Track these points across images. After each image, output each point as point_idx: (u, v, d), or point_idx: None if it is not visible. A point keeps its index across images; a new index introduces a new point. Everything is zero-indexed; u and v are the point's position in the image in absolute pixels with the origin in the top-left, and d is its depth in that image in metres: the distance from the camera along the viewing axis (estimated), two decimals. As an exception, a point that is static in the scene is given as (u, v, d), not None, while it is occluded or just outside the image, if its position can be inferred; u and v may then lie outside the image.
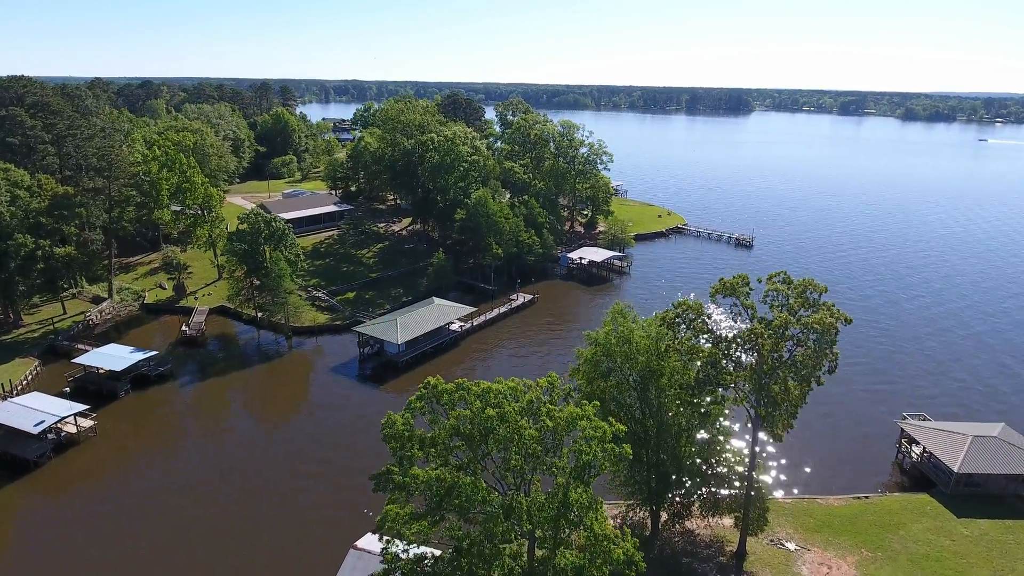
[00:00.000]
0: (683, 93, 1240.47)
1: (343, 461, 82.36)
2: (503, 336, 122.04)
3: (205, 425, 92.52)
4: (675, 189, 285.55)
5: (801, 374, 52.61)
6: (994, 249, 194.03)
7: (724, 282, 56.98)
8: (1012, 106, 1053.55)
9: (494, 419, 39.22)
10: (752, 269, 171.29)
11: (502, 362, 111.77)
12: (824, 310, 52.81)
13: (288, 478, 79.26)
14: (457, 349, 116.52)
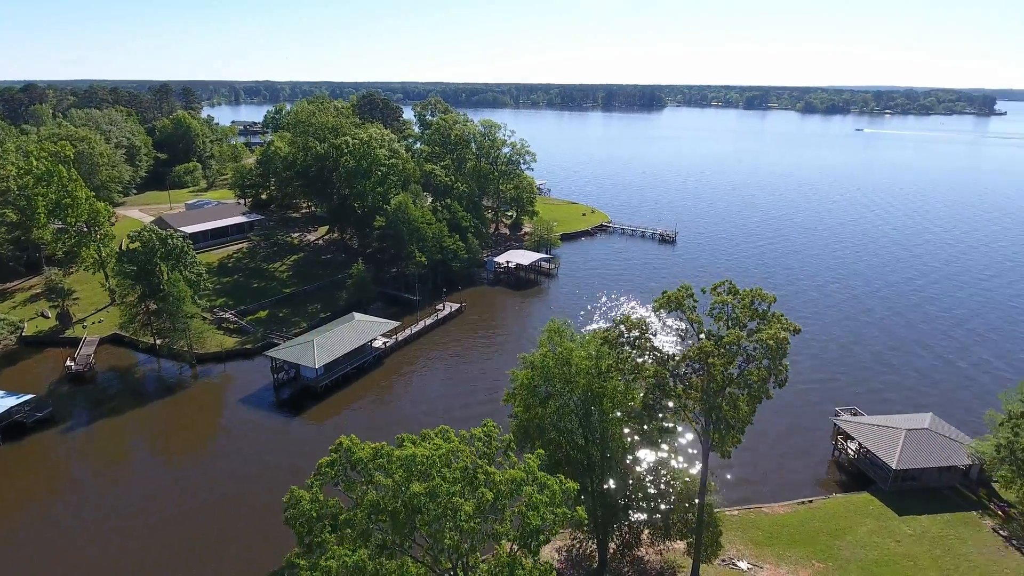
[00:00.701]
0: (599, 91, 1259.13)
1: (255, 500, 73.54)
2: (431, 351, 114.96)
3: (96, 471, 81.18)
4: (597, 186, 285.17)
5: (752, 391, 48.61)
6: (897, 239, 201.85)
7: (668, 295, 52.39)
8: (898, 98, 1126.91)
9: (422, 496, 32.65)
10: (677, 264, 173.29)
11: (430, 382, 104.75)
12: (775, 323, 48.93)
13: (193, 523, 69.84)
14: (381, 368, 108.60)
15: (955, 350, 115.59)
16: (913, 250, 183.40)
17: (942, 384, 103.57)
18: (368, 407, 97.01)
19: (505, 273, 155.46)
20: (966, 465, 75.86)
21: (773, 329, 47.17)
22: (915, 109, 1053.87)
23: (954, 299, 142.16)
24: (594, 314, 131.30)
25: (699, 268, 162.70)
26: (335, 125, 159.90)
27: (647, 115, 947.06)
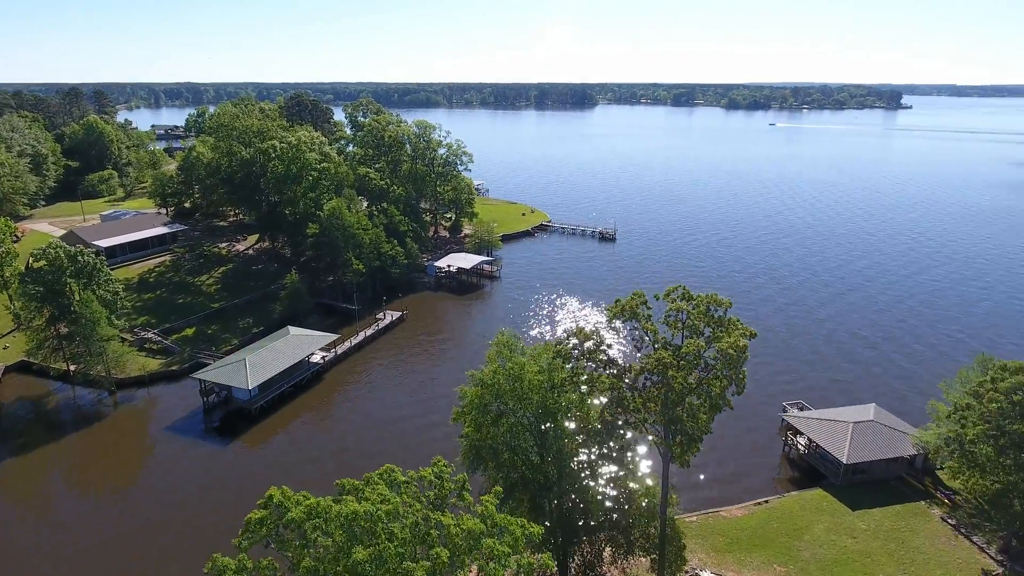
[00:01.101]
0: (532, 89, 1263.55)
1: (184, 537, 67.07)
2: (373, 363, 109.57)
3: (5, 510, 72.61)
4: (535, 185, 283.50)
5: (712, 401, 46.40)
6: (821, 231, 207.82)
7: (622, 304, 49.68)
8: (814, 94, 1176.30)
9: (367, 564, 28.37)
10: (618, 262, 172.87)
11: (373, 397, 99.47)
12: (733, 329, 46.80)
13: (116, 554, 62.99)
14: (321, 384, 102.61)
15: (884, 338, 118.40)
16: (836, 240, 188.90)
17: (876, 371, 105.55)
18: (307, 428, 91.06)
19: (447, 278, 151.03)
20: (911, 455, 76.65)
21: (732, 337, 45.09)
22: (830, 104, 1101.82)
23: (878, 287, 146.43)
24: (540, 316, 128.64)
25: (640, 265, 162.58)
26: (261, 128, 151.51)
27: (580, 113, 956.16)
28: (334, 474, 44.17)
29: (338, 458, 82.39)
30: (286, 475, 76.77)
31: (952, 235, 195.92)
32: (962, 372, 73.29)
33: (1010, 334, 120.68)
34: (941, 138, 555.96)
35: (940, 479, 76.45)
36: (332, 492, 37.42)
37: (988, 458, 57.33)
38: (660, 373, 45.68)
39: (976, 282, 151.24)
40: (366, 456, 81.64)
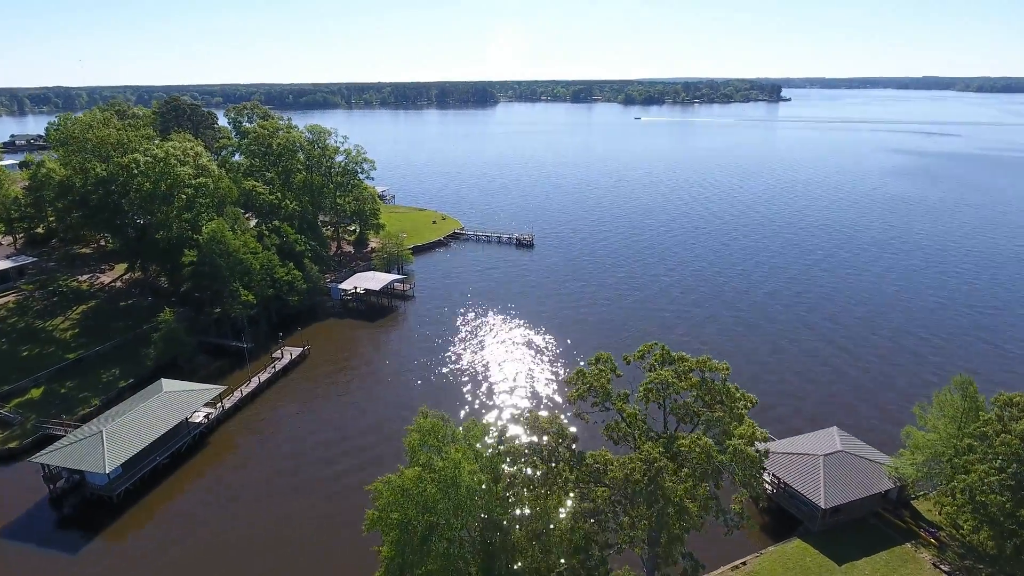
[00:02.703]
0: (433, 88, 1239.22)
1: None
2: (269, 417, 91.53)
3: None
4: (445, 189, 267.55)
5: (724, 518, 34.04)
6: (736, 227, 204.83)
7: (586, 379, 36.84)
8: (703, 88, 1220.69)
9: None
10: (540, 271, 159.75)
11: (270, 465, 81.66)
12: (737, 405, 34.51)
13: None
14: (206, 451, 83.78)
15: (825, 344, 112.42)
16: (746, 236, 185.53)
17: (825, 384, 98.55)
18: (187, 515, 72.53)
19: (354, 301, 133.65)
20: (887, 489, 68.44)
21: (745, 426, 32.79)
22: (719, 98, 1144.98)
23: (805, 286, 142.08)
24: (461, 340, 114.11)
25: (562, 274, 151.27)
26: (120, 140, 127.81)
27: (482, 111, 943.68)
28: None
29: (225, 557, 64.95)
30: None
31: (877, 228, 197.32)
32: (939, 396, 65.40)
33: (959, 336, 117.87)
34: (823, 128, 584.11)
35: (917, 511, 68.74)
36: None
37: (1004, 511, 48.54)
38: (650, 479, 32.80)
39: (914, 283, 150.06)
40: (262, 551, 64.83)
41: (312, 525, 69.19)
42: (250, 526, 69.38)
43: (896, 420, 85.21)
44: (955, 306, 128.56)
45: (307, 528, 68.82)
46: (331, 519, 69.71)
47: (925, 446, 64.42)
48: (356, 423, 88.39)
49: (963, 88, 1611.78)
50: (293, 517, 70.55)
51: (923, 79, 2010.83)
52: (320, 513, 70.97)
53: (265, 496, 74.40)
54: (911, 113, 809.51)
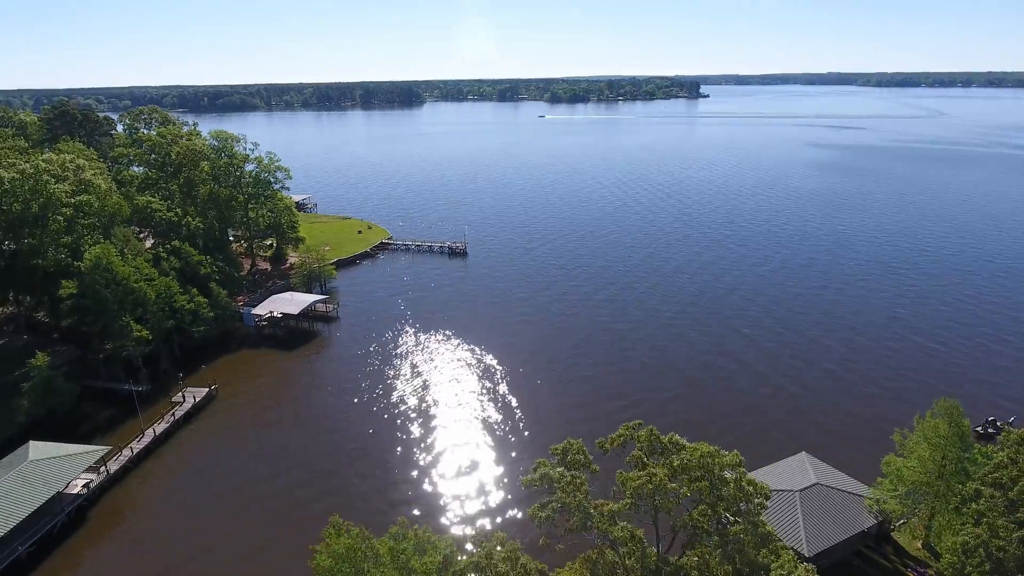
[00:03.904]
0: (357, 88, 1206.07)
1: None
2: (167, 478, 77.42)
3: None
4: (371, 195, 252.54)
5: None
6: (666, 230, 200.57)
7: (550, 480, 26.38)
8: (626, 86, 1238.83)
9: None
10: (475, 281, 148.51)
11: (170, 547, 67.88)
12: (754, 509, 25.40)
13: None
14: (85, 530, 69.15)
15: (780, 352, 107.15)
16: (678, 237, 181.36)
17: (780, 399, 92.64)
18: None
19: (271, 326, 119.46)
20: (869, 526, 62.01)
21: (784, 562, 23.62)
22: (641, 95, 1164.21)
23: (733, 287, 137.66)
24: (394, 371, 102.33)
25: (499, 284, 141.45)
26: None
27: (408, 111, 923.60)
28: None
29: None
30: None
31: (807, 223, 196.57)
32: (922, 423, 59.28)
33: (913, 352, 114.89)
34: (742, 124, 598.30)
35: (899, 545, 62.68)
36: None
37: None
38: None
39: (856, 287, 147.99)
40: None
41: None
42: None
43: (864, 439, 79.95)
44: (918, 315, 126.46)
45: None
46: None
47: (909, 478, 58.32)
48: (273, 483, 75.51)
49: (864, 83, 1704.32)
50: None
51: (828, 75, 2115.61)
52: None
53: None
54: (821, 108, 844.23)
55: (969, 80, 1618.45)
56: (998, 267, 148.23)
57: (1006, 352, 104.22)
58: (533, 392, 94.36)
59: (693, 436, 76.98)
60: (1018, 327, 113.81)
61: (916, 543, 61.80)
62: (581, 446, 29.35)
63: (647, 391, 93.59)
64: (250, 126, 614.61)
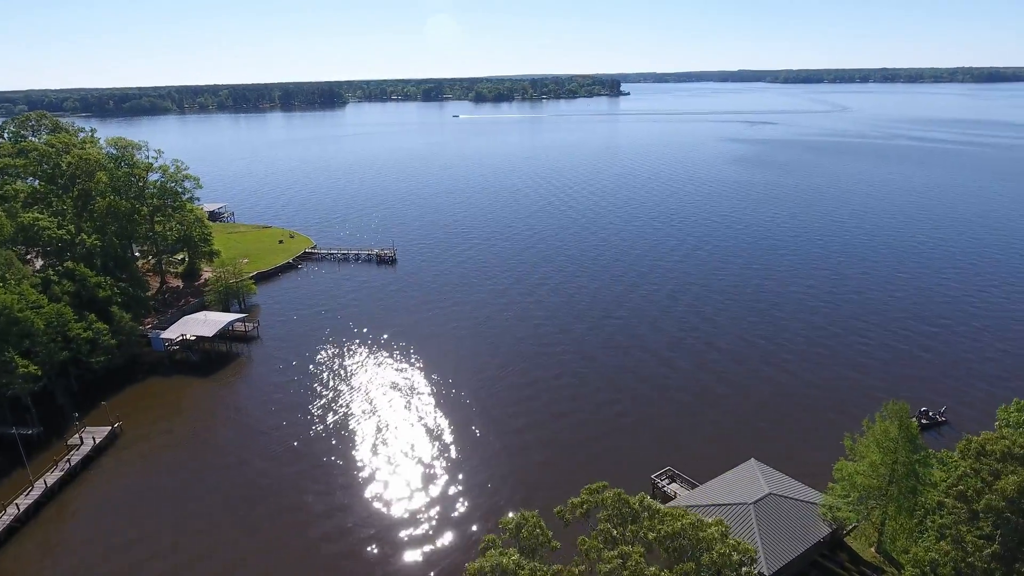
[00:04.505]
0: (276, 89, 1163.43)
1: None
2: (60, 537, 67.59)
3: None
4: (293, 202, 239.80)
5: None
6: (595, 228, 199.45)
7: (498, 566, 21.47)
8: (549, 84, 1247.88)
9: None
10: (405, 291, 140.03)
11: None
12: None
13: None
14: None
15: (713, 353, 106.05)
16: (609, 232, 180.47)
17: (719, 400, 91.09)
18: None
19: (183, 350, 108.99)
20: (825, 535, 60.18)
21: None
22: (564, 94, 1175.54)
23: (659, 285, 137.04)
24: (322, 391, 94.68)
25: (430, 292, 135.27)
26: None
27: (331, 112, 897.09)
28: None
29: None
30: None
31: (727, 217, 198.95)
32: (872, 427, 57.80)
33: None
34: (664, 121, 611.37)
35: (854, 551, 61.20)
36: None
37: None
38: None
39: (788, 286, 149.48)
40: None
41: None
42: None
43: (809, 441, 78.96)
44: (840, 312, 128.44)
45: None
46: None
47: (862, 483, 56.75)
48: (187, 546, 66.95)
49: (772, 80, 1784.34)
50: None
51: (739, 72, 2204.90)
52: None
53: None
54: (735, 104, 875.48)
55: (866, 76, 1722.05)
56: (922, 257, 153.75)
57: (928, 343, 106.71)
58: (472, 409, 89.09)
59: (639, 453, 74.28)
60: (943, 317, 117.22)
61: (870, 549, 60.50)
62: (538, 520, 24.55)
63: (587, 405, 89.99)
64: (161, 131, 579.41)
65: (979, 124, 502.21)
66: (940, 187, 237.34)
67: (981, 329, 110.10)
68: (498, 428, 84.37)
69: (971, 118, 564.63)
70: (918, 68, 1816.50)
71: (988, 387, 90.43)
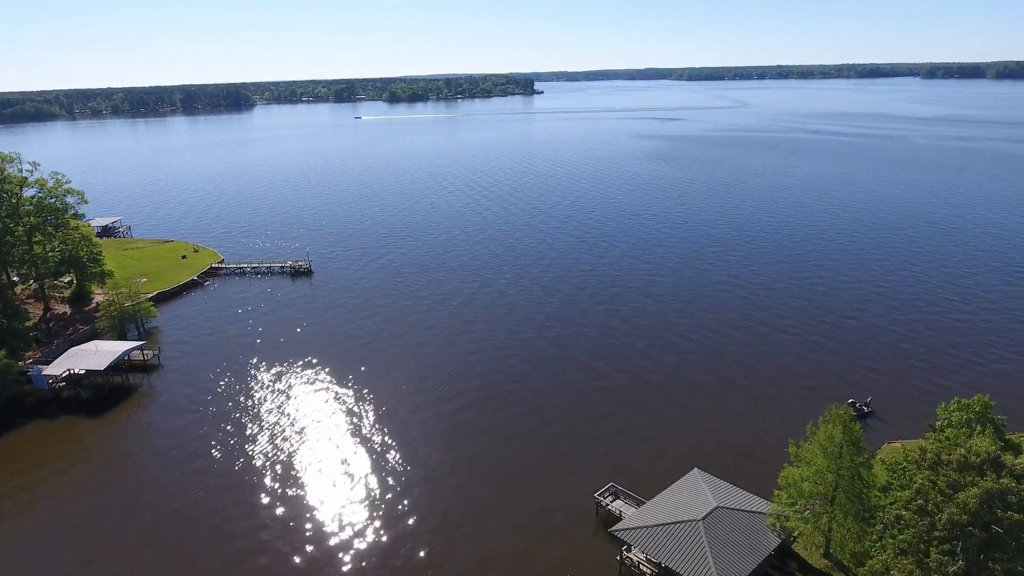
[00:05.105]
0: (176, 92, 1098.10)
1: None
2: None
3: None
4: (197, 212, 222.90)
5: None
6: (511, 230, 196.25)
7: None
8: (464, 84, 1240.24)
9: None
10: (323, 305, 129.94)
11: None
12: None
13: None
14: None
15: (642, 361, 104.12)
16: (533, 239, 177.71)
17: (662, 409, 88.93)
18: None
19: (71, 386, 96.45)
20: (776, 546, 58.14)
21: None
22: (479, 93, 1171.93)
23: (579, 285, 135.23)
24: (234, 427, 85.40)
25: (350, 304, 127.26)
26: None
27: (238, 115, 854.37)
28: None
29: None
30: None
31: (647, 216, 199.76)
32: (816, 433, 56.10)
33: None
34: (578, 119, 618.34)
35: (803, 559, 59.54)
36: None
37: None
38: None
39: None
40: None
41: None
42: None
43: (751, 448, 77.61)
44: (762, 307, 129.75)
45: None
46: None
47: (809, 490, 55.11)
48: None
49: (677, 77, 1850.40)
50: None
51: (647, 70, 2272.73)
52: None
53: None
54: (645, 101, 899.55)
55: (763, 73, 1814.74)
56: (828, 248, 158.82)
57: (840, 335, 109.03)
58: (401, 434, 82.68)
59: (579, 471, 70.14)
60: (860, 309, 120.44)
61: (818, 554, 59.02)
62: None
63: (521, 423, 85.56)
64: (47, 140, 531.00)
65: (866, 117, 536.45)
66: (836, 178, 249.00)
67: (886, 315, 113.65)
68: (426, 452, 78.48)
69: (859, 111, 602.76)
70: (809, 65, 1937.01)
71: (902, 370, 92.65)
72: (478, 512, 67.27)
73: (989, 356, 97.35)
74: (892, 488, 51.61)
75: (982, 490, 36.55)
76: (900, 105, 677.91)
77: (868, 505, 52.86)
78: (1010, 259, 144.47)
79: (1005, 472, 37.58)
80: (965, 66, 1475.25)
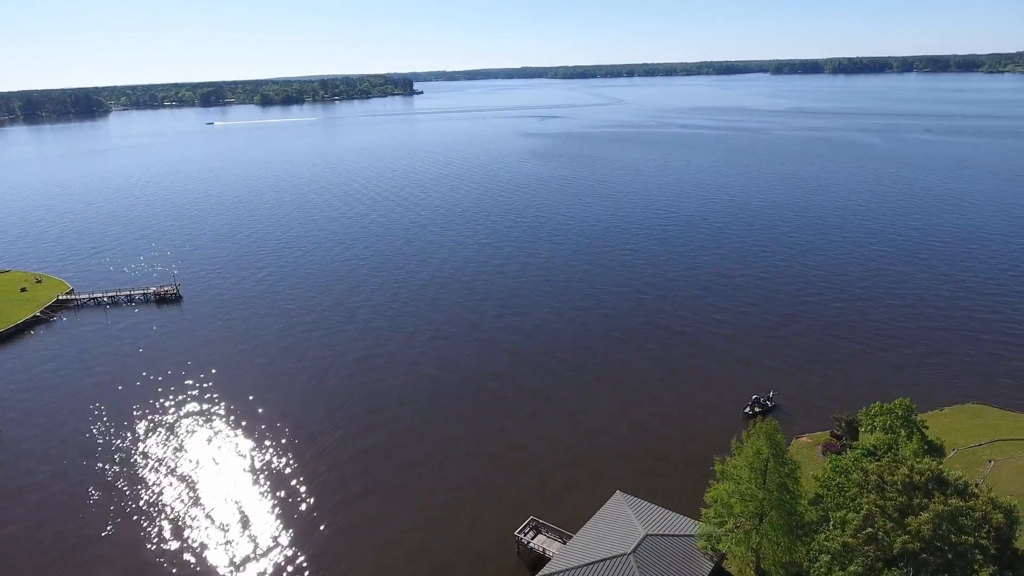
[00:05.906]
0: (15, 98, 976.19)
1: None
2: None
3: None
4: (39, 237, 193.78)
5: None
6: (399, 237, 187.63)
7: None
8: (340, 85, 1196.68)
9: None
10: (194, 337, 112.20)
11: None
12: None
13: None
14: None
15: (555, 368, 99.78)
16: (422, 248, 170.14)
17: (573, 429, 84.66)
18: None
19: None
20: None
21: None
22: (357, 94, 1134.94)
23: (485, 295, 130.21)
24: (87, 493, 71.33)
25: (224, 330, 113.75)
26: None
27: (89, 123, 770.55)
28: None
29: None
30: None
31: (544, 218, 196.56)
32: (743, 449, 53.26)
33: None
34: (460, 118, 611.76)
35: (731, 575, 56.86)
36: None
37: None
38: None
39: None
40: None
41: None
42: None
43: (666, 463, 74.76)
44: (660, 306, 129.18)
45: None
46: None
47: (738, 509, 52.20)
48: None
49: (553, 76, 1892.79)
50: None
51: (523, 69, 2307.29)
52: None
53: None
54: (524, 99, 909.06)
55: (631, 71, 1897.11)
56: (709, 241, 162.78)
57: (731, 332, 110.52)
58: (294, 476, 72.69)
59: (494, 505, 63.62)
60: (760, 303, 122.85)
61: (750, 571, 56.53)
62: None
63: (428, 455, 78.24)
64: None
65: (728, 111, 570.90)
66: (709, 170, 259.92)
67: (770, 305, 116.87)
68: (323, 493, 69.33)
69: (721, 106, 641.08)
70: (671, 63, 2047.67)
71: (797, 364, 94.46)
72: (385, 562, 59.27)
73: (878, 341, 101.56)
74: (825, 502, 49.60)
75: (932, 514, 34.30)
76: (756, 99, 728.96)
77: (799, 520, 50.66)
78: (880, 240, 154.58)
79: (951, 490, 35.71)
80: (807, 62, 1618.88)
